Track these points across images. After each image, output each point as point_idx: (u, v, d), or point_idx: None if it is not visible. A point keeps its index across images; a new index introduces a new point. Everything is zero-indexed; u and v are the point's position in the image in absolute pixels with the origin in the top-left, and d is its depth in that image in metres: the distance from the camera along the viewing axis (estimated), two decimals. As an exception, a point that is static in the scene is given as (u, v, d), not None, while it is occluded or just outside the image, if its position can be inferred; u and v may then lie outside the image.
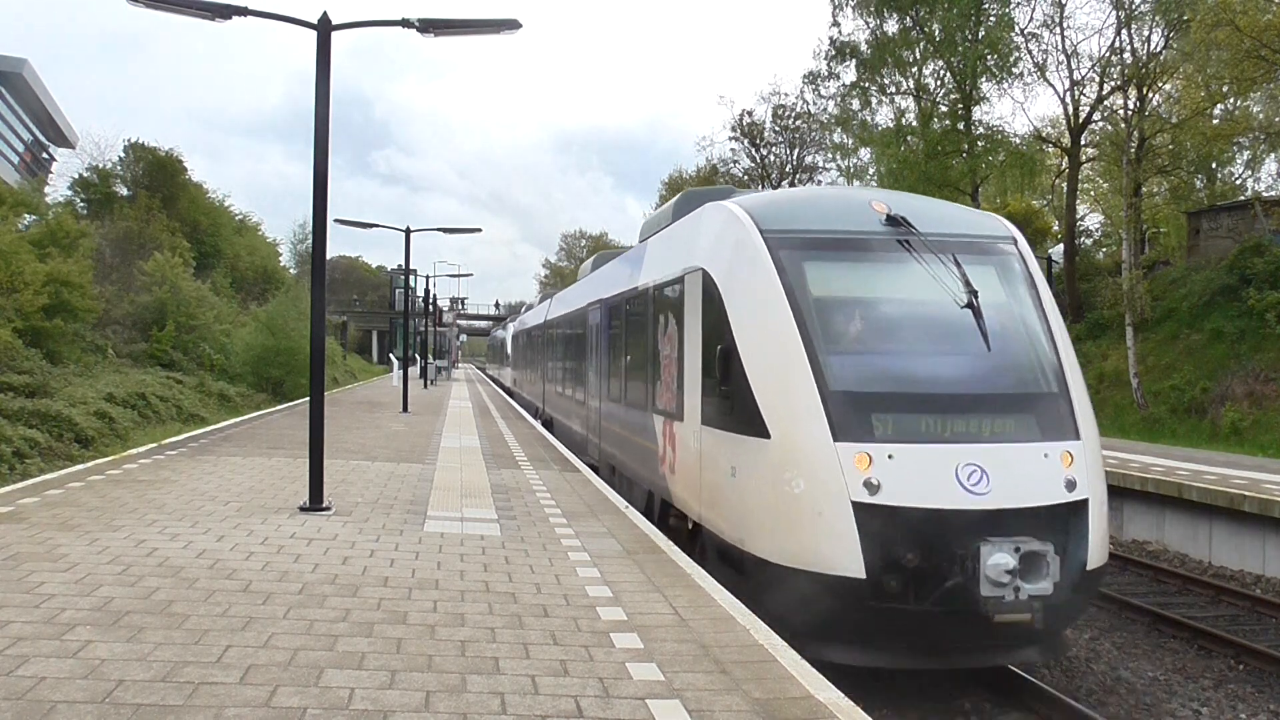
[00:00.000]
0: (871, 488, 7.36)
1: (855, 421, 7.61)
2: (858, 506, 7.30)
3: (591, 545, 8.78)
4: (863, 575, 7.22)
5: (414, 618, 6.25)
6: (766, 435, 7.94)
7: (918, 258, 8.58)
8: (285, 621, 6.06)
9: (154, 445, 16.02)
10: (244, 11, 9.98)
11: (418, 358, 49.99)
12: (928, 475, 7.44)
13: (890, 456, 7.48)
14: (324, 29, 10.22)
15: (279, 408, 28.15)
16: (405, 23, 10.30)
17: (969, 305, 8.32)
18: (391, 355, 60.63)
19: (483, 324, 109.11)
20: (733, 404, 8.50)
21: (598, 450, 16.06)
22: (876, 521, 7.29)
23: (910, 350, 8.35)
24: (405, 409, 26.92)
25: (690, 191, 13.40)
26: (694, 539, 9.83)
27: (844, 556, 7.28)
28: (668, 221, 12.90)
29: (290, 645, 5.59)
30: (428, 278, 50.97)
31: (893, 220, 8.82)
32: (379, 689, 4.94)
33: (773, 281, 8.37)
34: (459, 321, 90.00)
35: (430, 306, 51.18)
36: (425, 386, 43.44)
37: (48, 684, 4.80)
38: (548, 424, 24.22)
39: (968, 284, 8.39)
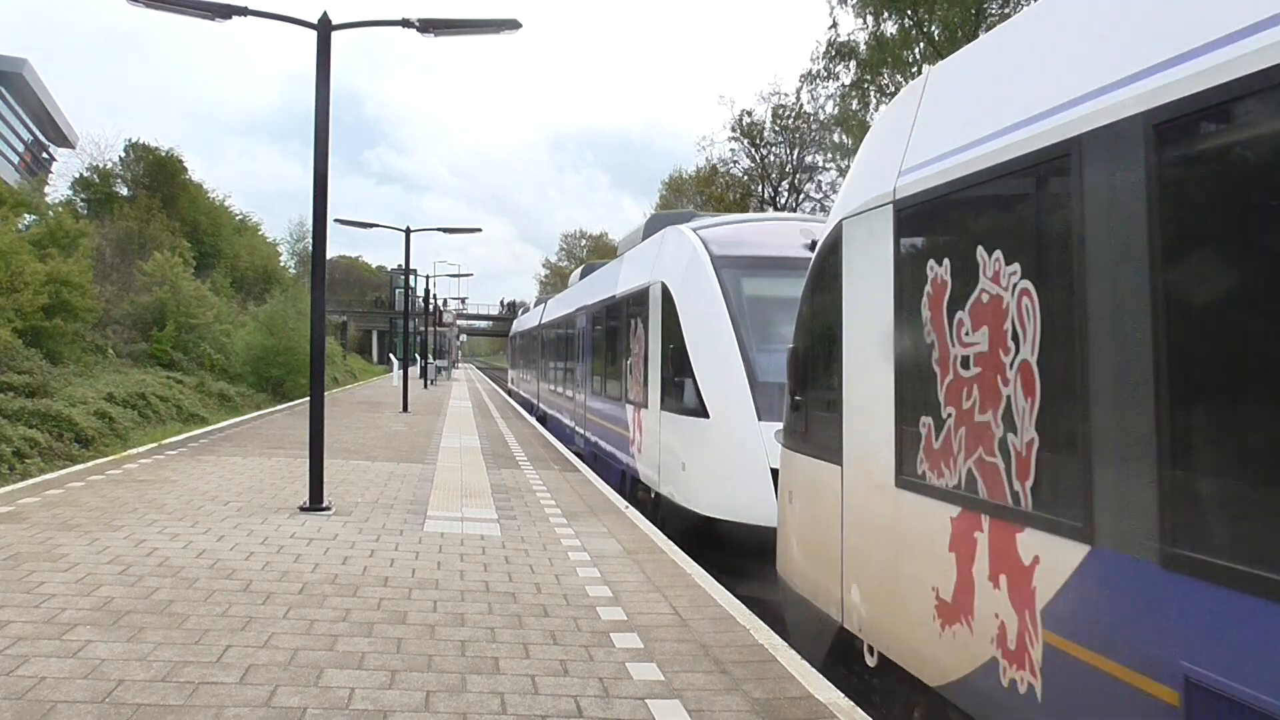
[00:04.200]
0: None
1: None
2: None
3: (591, 545, 8.79)
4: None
5: (414, 618, 6.25)
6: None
7: None
8: (285, 621, 6.07)
9: (154, 445, 16.04)
10: (244, 11, 9.99)
11: (418, 358, 49.99)
12: None
13: None
14: (324, 29, 10.23)
15: (279, 407, 28.17)
16: (405, 23, 10.31)
17: None
18: (391, 355, 60.61)
19: (482, 324, 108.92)
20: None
21: None
22: None
23: None
24: (405, 409, 26.95)
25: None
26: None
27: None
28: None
29: (290, 645, 5.59)
30: (428, 278, 50.87)
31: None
32: (379, 689, 4.95)
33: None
34: (459, 321, 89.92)
35: (430, 306, 51.13)
36: (425, 386, 43.49)
37: (48, 684, 4.80)
38: None
39: None
